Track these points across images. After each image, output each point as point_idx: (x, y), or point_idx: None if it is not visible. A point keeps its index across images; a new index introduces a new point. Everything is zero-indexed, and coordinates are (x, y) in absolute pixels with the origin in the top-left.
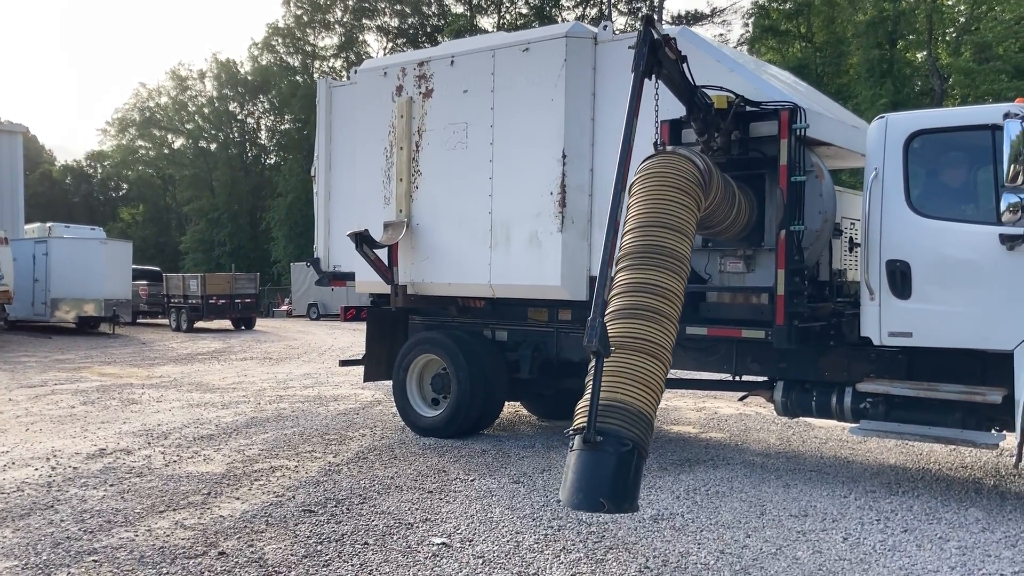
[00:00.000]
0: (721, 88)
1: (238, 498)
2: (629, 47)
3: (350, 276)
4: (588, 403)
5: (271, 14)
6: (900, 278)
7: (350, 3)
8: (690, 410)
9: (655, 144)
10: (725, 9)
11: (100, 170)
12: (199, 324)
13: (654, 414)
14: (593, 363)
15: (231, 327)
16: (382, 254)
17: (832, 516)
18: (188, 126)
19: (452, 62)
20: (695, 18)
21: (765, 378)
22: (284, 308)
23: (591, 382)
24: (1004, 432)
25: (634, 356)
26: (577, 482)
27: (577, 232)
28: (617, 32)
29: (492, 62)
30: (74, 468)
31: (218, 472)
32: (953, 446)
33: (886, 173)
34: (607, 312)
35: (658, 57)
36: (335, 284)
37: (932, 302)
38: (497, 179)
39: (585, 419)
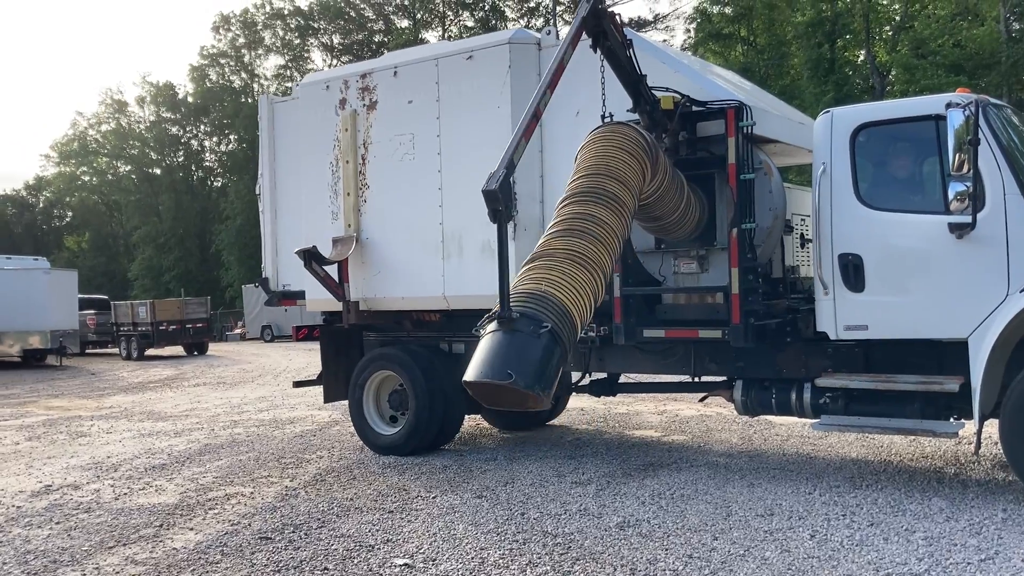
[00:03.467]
0: (667, 89)
1: (192, 528)
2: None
3: (300, 295)
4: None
5: (203, 36)
6: (853, 271)
7: (291, 23)
8: (651, 414)
9: (602, 117)
10: (668, 15)
11: (42, 199)
12: (150, 352)
13: (580, 318)
14: (497, 229)
15: (184, 353)
16: (332, 271)
17: (798, 514)
18: (132, 151)
19: (395, 73)
20: (639, 25)
21: (724, 378)
22: (238, 331)
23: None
24: (963, 420)
25: (565, 263)
26: (486, 356)
27: (530, 239)
28: (560, 37)
29: (436, 71)
30: (17, 507)
31: (171, 503)
32: (913, 437)
33: (834, 167)
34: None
35: (602, 26)
36: (285, 303)
37: (886, 294)
38: (447, 189)
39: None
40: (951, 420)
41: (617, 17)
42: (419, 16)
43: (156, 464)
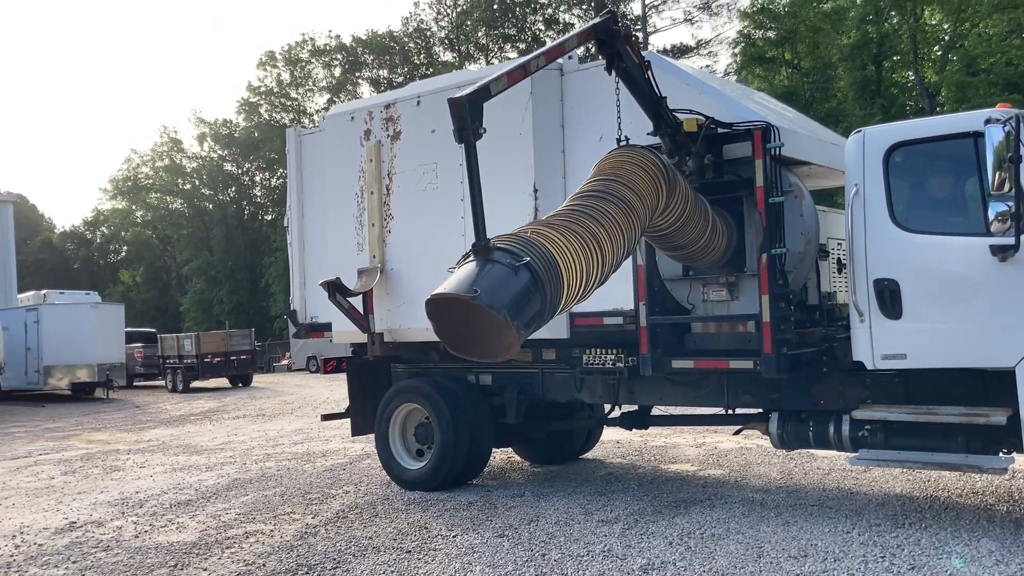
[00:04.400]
0: (691, 111)
1: (205, 569)
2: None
3: (327, 327)
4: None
5: (253, 74)
6: (889, 297)
7: (336, 58)
8: (689, 446)
9: (618, 140)
10: (710, 40)
11: (98, 235)
12: (195, 384)
13: (567, 282)
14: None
15: (228, 385)
16: (356, 302)
17: (834, 555)
18: (185, 187)
19: (418, 102)
20: (681, 51)
21: (759, 410)
22: (285, 362)
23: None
24: (1013, 455)
25: (561, 229)
26: (453, 279)
27: None
28: (584, 61)
29: None
30: (39, 545)
31: (189, 541)
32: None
33: (867, 189)
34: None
35: (616, 47)
36: (313, 335)
37: (925, 321)
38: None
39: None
40: (1000, 455)
41: (634, 38)
42: (462, 49)
43: (182, 500)
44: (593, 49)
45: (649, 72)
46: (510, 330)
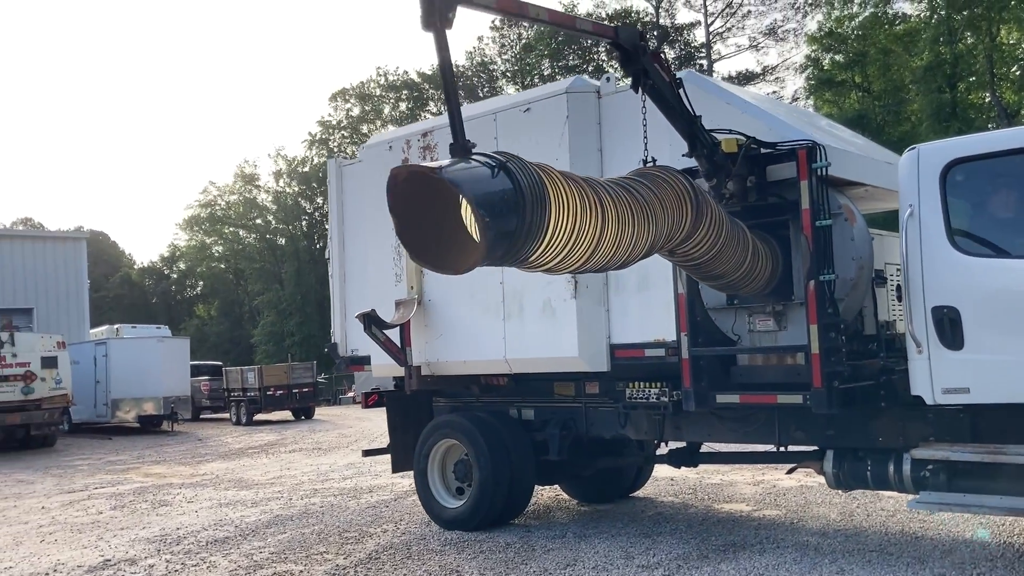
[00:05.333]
0: (731, 131)
1: None
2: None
3: (367, 360)
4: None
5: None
6: (949, 326)
7: (403, 93)
8: (746, 484)
9: (643, 161)
10: (777, 66)
11: (175, 270)
12: (259, 416)
13: (553, 213)
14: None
15: (291, 418)
16: (393, 334)
17: None
18: (257, 221)
19: None
20: (747, 77)
21: (814, 447)
22: (350, 394)
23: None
24: None
25: (563, 177)
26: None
27: (592, 298)
28: (621, 83)
29: (495, 125)
30: None
31: None
32: None
33: (922, 210)
34: None
35: (642, 64)
36: (353, 369)
37: (989, 352)
38: None
39: None
40: None
41: (663, 54)
42: (527, 82)
43: (220, 537)
44: (617, 65)
45: (681, 90)
46: (479, 232)
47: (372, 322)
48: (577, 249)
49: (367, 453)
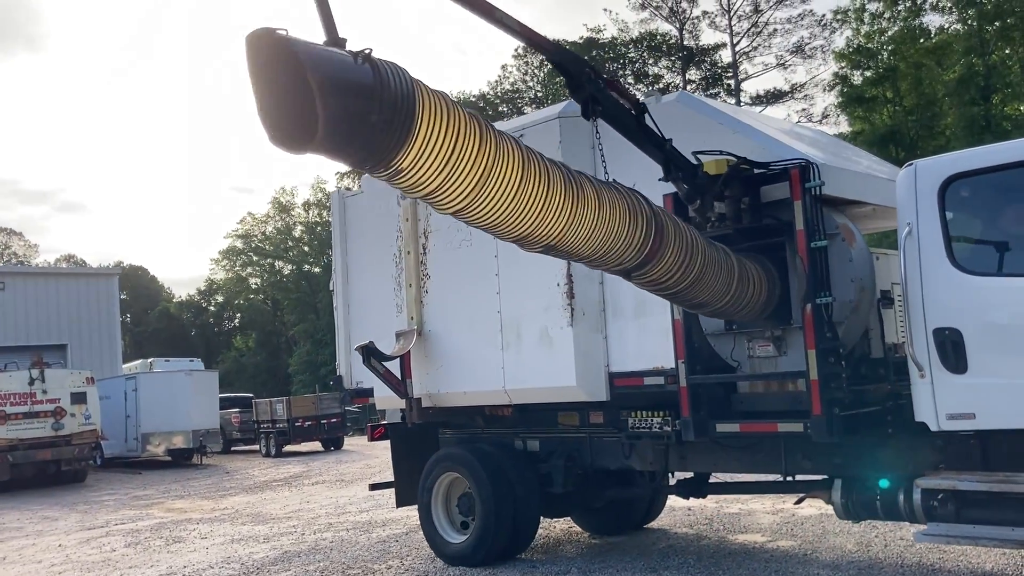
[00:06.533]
0: (721, 152)
1: None
2: None
3: (371, 392)
4: None
5: None
6: (951, 349)
7: None
8: (765, 513)
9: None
10: (805, 83)
11: (213, 302)
12: (289, 448)
13: (421, 125)
14: None
15: (320, 449)
16: (393, 366)
17: None
18: (292, 252)
19: None
20: (775, 96)
21: (823, 476)
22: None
23: None
24: None
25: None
26: None
27: (589, 325)
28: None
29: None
30: None
31: None
32: None
33: (921, 227)
34: None
35: (589, 91)
36: (358, 402)
37: (994, 375)
38: (503, 274)
39: None
40: None
41: (617, 80)
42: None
43: None
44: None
45: (646, 115)
46: (318, 106)
47: (371, 354)
48: (460, 178)
49: (374, 487)
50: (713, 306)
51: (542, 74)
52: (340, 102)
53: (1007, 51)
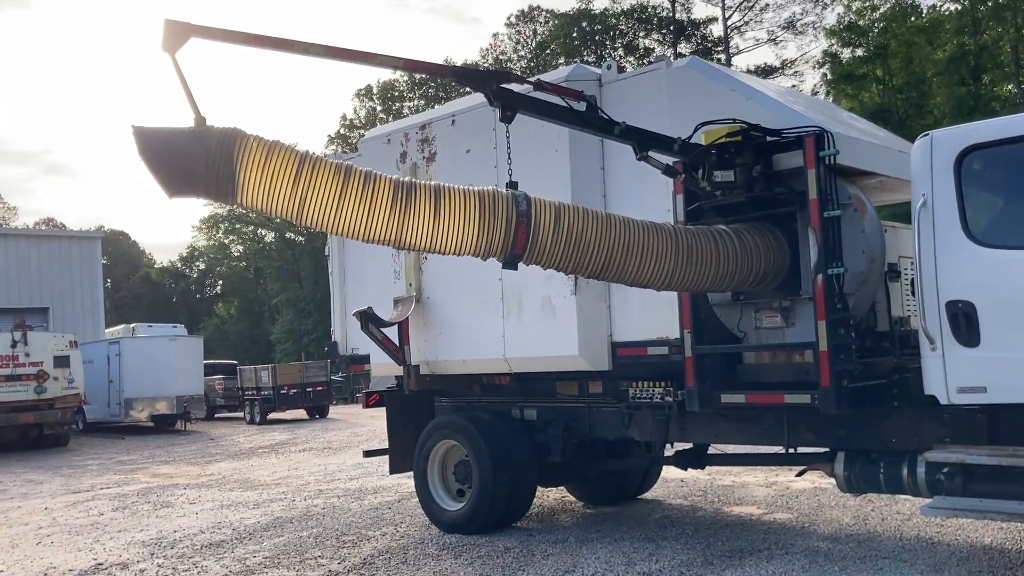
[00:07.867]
0: (734, 119)
1: None
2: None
3: (367, 359)
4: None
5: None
6: (964, 322)
7: (429, 90)
8: (759, 486)
9: (507, 185)
10: (796, 60)
11: (195, 270)
12: (273, 415)
13: (242, 160)
14: None
15: (305, 416)
16: (391, 333)
17: None
18: (275, 220)
19: (453, 122)
20: (766, 72)
21: (825, 449)
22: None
23: None
24: None
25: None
26: None
27: (592, 294)
28: (623, 71)
29: (493, 117)
30: None
31: None
32: None
33: (936, 199)
34: None
35: (500, 103)
36: (354, 368)
37: (1007, 348)
38: None
39: None
40: None
41: (545, 82)
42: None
43: (215, 540)
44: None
45: (592, 102)
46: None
47: (369, 320)
48: (281, 199)
49: (368, 454)
50: (706, 283)
51: (533, 44)
52: (164, 164)
53: (999, 30)
